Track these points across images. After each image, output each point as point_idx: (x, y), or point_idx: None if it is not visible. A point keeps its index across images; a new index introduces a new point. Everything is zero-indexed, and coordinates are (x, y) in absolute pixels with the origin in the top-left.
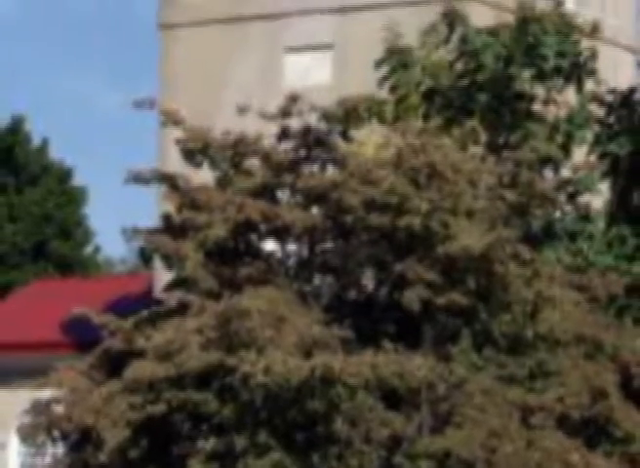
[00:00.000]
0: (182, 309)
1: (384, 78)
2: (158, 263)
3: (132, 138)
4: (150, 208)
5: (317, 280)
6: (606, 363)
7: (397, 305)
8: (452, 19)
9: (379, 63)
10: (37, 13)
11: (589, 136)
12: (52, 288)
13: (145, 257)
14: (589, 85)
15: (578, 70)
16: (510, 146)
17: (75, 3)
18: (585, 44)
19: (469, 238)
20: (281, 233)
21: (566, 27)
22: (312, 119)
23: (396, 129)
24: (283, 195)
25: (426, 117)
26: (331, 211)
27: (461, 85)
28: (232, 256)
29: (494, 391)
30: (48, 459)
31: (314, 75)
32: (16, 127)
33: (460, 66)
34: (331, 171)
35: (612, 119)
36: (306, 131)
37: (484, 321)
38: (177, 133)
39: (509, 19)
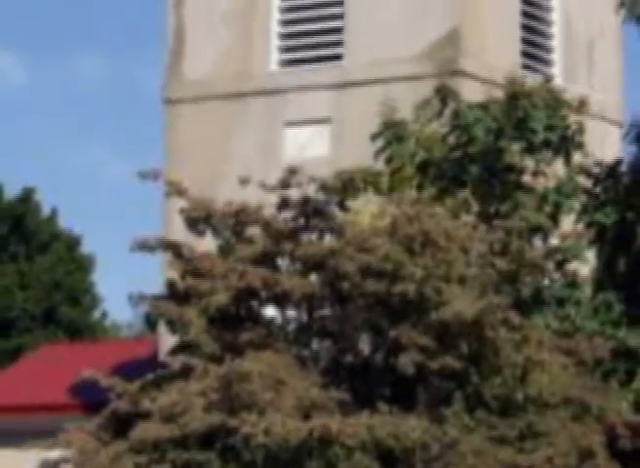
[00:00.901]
0: (186, 372)
1: (380, 150)
2: (163, 328)
3: (137, 208)
4: (155, 275)
5: (315, 344)
6: (593, 424)
7: (392, 369)
8: (444, 94)
9: (374, 137)
10: (48, 87)
11: (577, 205)
12: (61, 351)
13: (151, 323)
14: (577, 157)
15: (566, 143)
16: (501, 216)
17: (83, 79)
18: (573, 118)
19: (462, 304)
20: (281, 299)
21: (554, 102)
22: (311, 190)
23: (391, 199)
24: (283, 262)
25: (420, 187)
26: (328, 277)
27: (454, 157)
28: (234, 322)
29: (485, 451)
30: None
31: (313, 148)
32: (26, 197)
33: (452, 139)
34: (328, 239)
35: (598, 190)
36: (305, 201)
37: (476, 384)
38: (180, 203)
39: (500, 94)
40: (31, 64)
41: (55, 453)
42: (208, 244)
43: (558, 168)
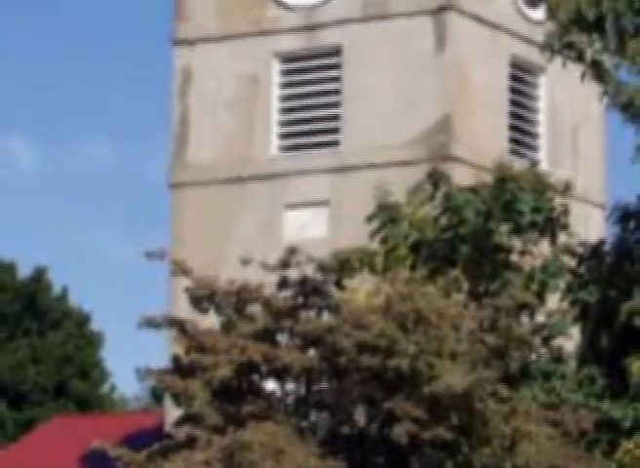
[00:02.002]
0: (191, 443)
1: (375, 232)
2: (168, 401)
3: (144, 287)
4: (161, 350)
5: (313, 416)
6: None
7: (387, 439)
8: (436, 178)
9: (370, 218)
10: (58, 172)
11: (562, 284)
12: (71, 423)
13: (157, 396)
14: (562, 238)
15: (551, 225)
16: (490, 294)
17: (92, 164)
18: (559, 201)
19: (453, 378)
20: (281, 373)
21: (540, 186)
22: (309, 270)
23: (386, 278)
24: (283, 338)
25: (413, 267)
26: (326, 353)
27: (445, 238)
28: (236, 395)
29: None
30: None
31: (311, 229)
32: (38, 276)
33: (443, 221)
34: (326, 316)
35: (582, 269)
36: (304, 280)
37: (466, 454)
38: (185, 282)
39: (488, 178)
40: (42, 149)
41: None
42: (211, 321)
43: (544, 248)
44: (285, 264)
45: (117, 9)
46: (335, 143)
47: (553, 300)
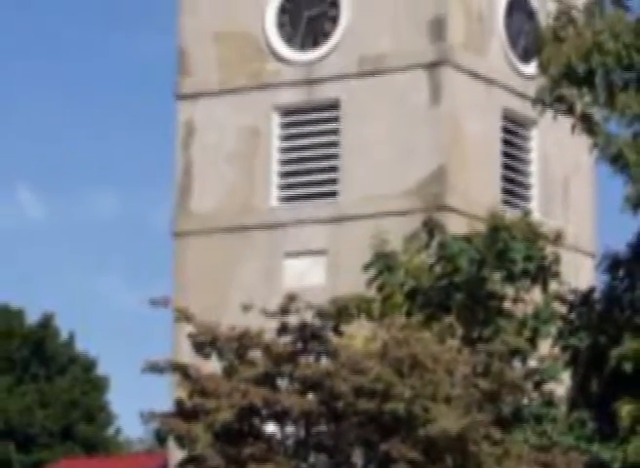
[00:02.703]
0: None
1: (372, 279)
2: (172, 443)
3: (148, 333)
4: (165, 394)
5: (313, 458)
6: None
7: None
8: (431, 227)
9: (367, 267)
10: (64, 221)
11: (553, 330)
12: (78, 466)
13: (161, 438)
14: (553, 285)
15: (543, 273)
16: (483, 340)
17: (98, 214)
18: (550, 249)
19: (447, 421)
20: (281, 417)
21: (532, 235)
22: (308, 316)
23: (382, 324)
24: (282, 383)
25: (409, 314)
26: (325, 397)
27: (440, 285)
28: (237, 437)
29: None
30: None
31: (310, 277)
32: (46, 323)
33: (438, 269)
34: (324, 361)
35: (573, 316)
36: (303, 326)
37: None
38: (188, 328)
39: (482, 227)
40: (49, 199)
41: None
42: (213, 365)
43: (536, 295)
44: (285, 311)
45: (122, 65)
46: (333, 194)
47: (545, 346)
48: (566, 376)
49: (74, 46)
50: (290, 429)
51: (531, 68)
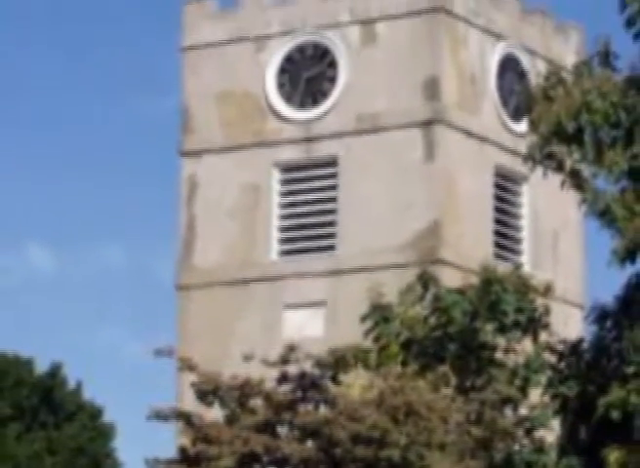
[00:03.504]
0: None
1: (369, 330)
2: None
3: (153, 381)
4: (169, 441)
5: None
6: None
7: None
8: (426, 280)
9: (364, 318)
10: (73, 274)
11: (543, 379)
12: None
13: None
14: (543, 336)
15: (533, 324)
16: (476, 389)
17: (105, 267)
18: (540, 302)
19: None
20: (281, 463)
21: (523, 287)
22: (307, 366)
23: (379, 373)
24: (282, 430)
25: (405, 363)
26: (323, 444)
27: (434, 336)
28: None
29: None
30: None
31: (309, 328)
32: (54, 372)
33: (433, 320)
34: (323, 409)
35: (562, 365)
36: (302, 375)
37: None
38: (191, 377)
39: (475, 280)
40: (57, 253)
41: None
42: (216, 413)
43: (527, 345)
44: (285, 361)
45: (128, 124)
46: (331, 248)
47: (535, 394)
48: (556, 424)
49: (83, 106)
50: None
51: (522, 126)
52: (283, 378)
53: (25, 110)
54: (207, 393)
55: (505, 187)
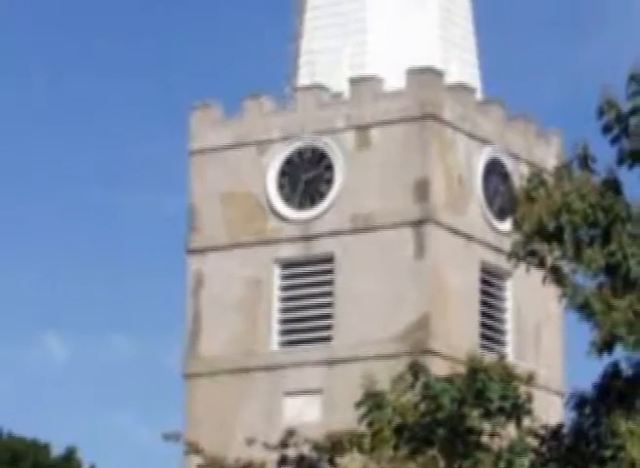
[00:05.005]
0: None
1: (363, 416)
2: None
3: (161, 464)
4: None
5: None
6: None
7: None
8: (416, 369)
9: (358, 405)
10: (86, 362)
11: (526, 462)
12: None
13: None
14: (526, 421)
15: (517, 410)
16: None
17: (116, 356)
18: (523, 389)
19: None
20: None
21: (507, 376)
22: (306, 449)
23: (372, 457)
24: None
25: (397, 447)
26: None
27: (424, 422)
28: None
29: None
30: None
31: (307, 414)
32: (69, 455)
33: (423, 407)
34: None
35: (544, 449)
36: (301, 458)
37: None
38: (198, 460)
39: (462, 369)
40: (72, 343)
41: None
42: None
43: (511, 430)
44: (284, 445)
45: (138, 222)
46: (328, 339)
47: None
48: None
49: (95, 204)
50: None
51: (506, 225)
52: (283, 461)
53: (39, 204)
54: None
55: (491, 282)
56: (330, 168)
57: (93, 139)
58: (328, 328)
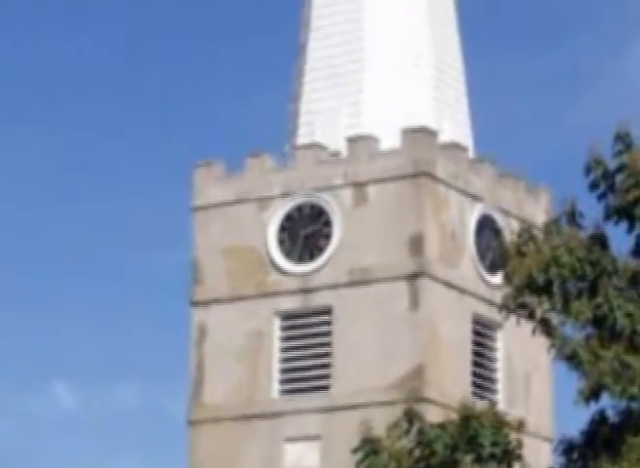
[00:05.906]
0: None
1: (360, 462)
2: None
3: None
4: None
5: None
6: None
7: None
8: (411, 416)
9: (355, 450)
10: (93, 410)
11: None
12: None
13: None
14: (517, 467)
15: (508, 456)
16: None
17: (122, 404)
18: (514, 436)
19: None
20: None
21: (498, 423)
22: None
23: None
24: None
25: None
26: None
27: (419, 467)
28: None
29: None
30: None
31: (307, 459)
32: None
33: (417, 453)
34: None
35: None
36: None
37: None
38: None
39: (455, 416)
40: (80, 392)
41: None
42: None
43: None
44: None
45: (143, 276)
46: (326, 387)
47: None
48: None
49: (102, 259)
50: None
51: (497, 279)
52: None
53: (47, 256)
54: None
55: (482, 333)
56: (328, 223)
57: (101, 197)
58: (326, 376)
